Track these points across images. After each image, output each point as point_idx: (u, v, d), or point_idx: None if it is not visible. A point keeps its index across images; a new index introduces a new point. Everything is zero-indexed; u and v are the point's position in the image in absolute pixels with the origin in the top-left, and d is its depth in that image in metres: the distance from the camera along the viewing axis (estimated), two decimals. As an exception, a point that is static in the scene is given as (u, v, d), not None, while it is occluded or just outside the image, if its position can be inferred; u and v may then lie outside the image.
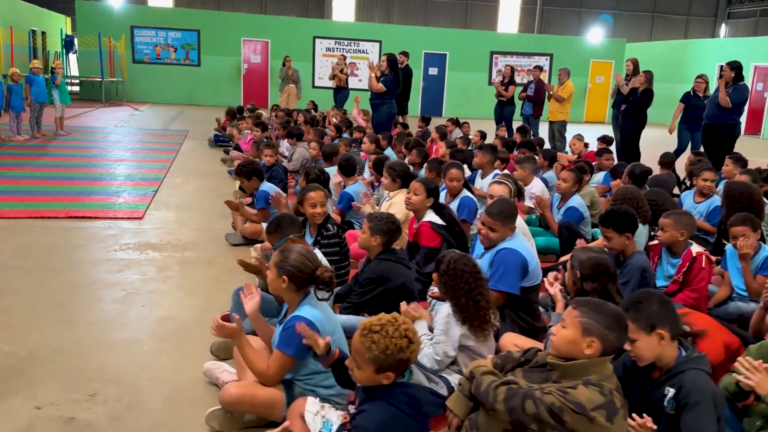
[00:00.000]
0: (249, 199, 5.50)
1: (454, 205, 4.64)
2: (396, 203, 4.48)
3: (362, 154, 7.48)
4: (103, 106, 17.05)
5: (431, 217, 3.99)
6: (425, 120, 10.53)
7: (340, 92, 13.71)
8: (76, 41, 19.59)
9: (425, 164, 5.67)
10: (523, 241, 3.37)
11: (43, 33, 21.50)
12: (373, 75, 8.47)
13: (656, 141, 10.66)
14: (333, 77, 13.74)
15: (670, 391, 2.03)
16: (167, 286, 4.06)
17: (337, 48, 20.15)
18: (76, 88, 19.41)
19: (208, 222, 5.75)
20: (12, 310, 3.51)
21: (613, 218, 3.29)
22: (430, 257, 3.85)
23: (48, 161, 8.21)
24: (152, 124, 13.57)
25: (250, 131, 8.99)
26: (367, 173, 6.70)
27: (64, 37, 20.23)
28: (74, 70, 20.48)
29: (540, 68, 11.12)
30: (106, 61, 18.01)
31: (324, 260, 3.23)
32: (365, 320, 1.97)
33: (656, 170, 6.60)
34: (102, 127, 12.50)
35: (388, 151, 7.39)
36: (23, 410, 2.54)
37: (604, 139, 8.44)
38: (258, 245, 4.68)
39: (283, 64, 15.61)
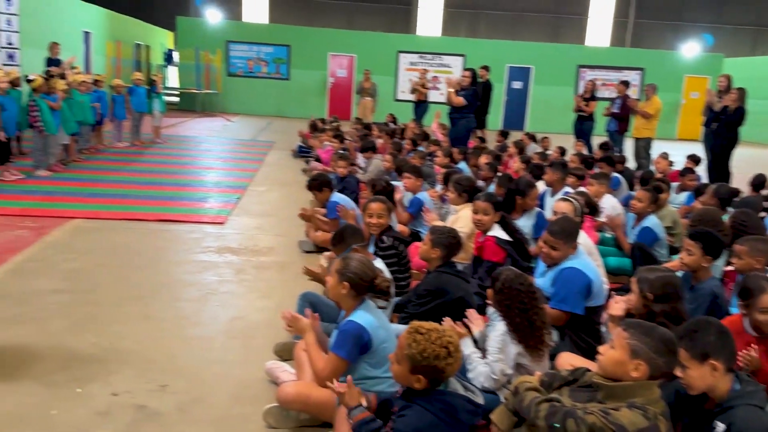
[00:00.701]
0: (323, 210, 5.67)
1: (527, 222, 4.62)
2: (462, 218, 4.50)
3: (435, 167, 7.55)
4: (199, 117, 18.03)
5: (497, 231, 3.99)
6: (504, 134, 10.44)
7: (420, 106, 13.85)
8: (176, 55, 20.86)
9: (497, 179, 5.67)
10: (587, 260, 3.32)
11: (147, 47, 23.03)
12: (451, 90, 8.53)
13: (749, 161, 10.06)
14: (414, 91, 13.90)
15: (720, 426, 1.96)
16: (241, 288, 4.28)
17: (420, 62, 20.33)
18: (175, 99, 20.64)
19: (285, 229, 5.98)
20: (100, 304, 3.82)
21: (705, 236, 3.18)
22: (492, 272, 3.85)
23: (143, 167, 8.80)
24: (242, 135, 14.23)
25: (330, 143, 9.26)
26: (438, 186, 6.76)
27: (165, 50, 21.57)
28: (174, 82, 21.78)
29: (626, 83, 10.77)
30: (202, 73, 19.07)
31: (385, 270, 3.32)
32: (418, 321, 2.07)
33: (747, 192, 6.25)
34: (195, 136, 13.24)
35: (462, 165, 7.41)
36: (102, 395, 2.77)
37: (693, 158, 8.07)
38: (327, 253, 4.83)
39: (364, 79, 15.96)
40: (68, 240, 5.11)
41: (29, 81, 7.75)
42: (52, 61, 11.06)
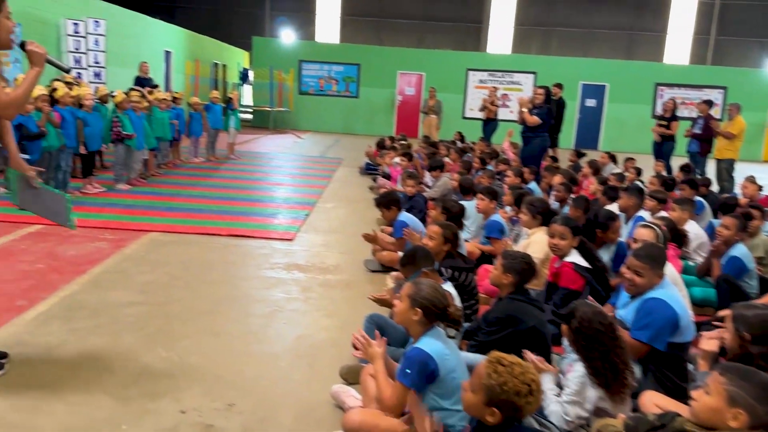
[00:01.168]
0: (390, 228, 5.64)
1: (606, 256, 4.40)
2: (535, 242, 4.34)
3: (504, 187, 7.38)
4: (271, 133, 18.49)
5: (575, 257, 3.82)
6: (579, 154, 10.12)
7: (489, 124, 13.68)
8: (251, 74, 21.54)
9: (571, 201, 5.47)
10: (673, 292, 3.10)
11: (224, 66, 23.90)
12: (524, 110, 8.34)
13: None
14: (483, 109, 13.75)
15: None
16: (307, 306, 4.27)
17: (490, 80, 20.16)
18: (249, 116, 21.28)
19: (351, 247, 5.96)
20: (172, 317, 3.89)
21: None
22: (568, 300, 3.69)
23: (217, 182, 9.05)
24: (311, 151, 14.46)
25: (398, 161, 9.24)
26: (507, 207, 6.60)
27: (240, 69, 22.32)
28: (248, 100, 22.49)
29: (709, 103, 10.24)
30: (275, 92, 19.58)
31: (455, 294, 3.22)
32: (498, 352, 1.97)
33: None
34: (267, 152, 13.56)
35: (532, 186, 7.22)
36: (170, 412, 2.79)
37: (784, 182, 7.56)
38: (393, 273, 4.77)
39: (430, 97, 15.93)
40: (144, 253, 5.27)
41: (112, 97, 8.13)
42: (142, 80, 11.63)
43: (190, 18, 27.02)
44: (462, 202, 5.60)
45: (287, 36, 28.36)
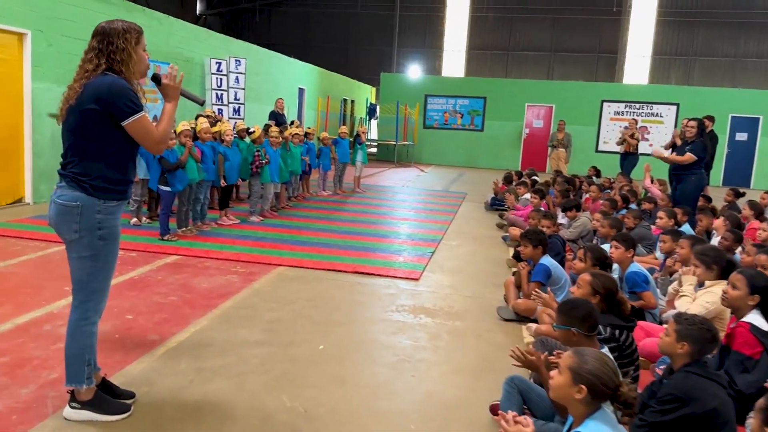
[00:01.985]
0: (527, 266, 5.19)
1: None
2: (710, 292, 3.75)
3: (653, 229, 6.68)
4: (395, 167, 18.60)
5: (754, 318, 3.22)
6: (737, 193, 9.05)
7: (628, 158, 12.76)
8: (378, 109, 21.95)
9: (740, 249, 4.76)
10: None
11: (352, 101, 24.58)
12: (665, 153, 7.60)
13: None
14: (622, 142, 12.87)
15: None
16: (436, 357, 3.96)
17: (627, 112, 19.04)
18: (374, 150, 21.63)
19: (480, 289, 5.60)
20: (297, 360, 3.74)
21: None
22: (743, 367, 3.11)
23: (344, 216, 9.06)
24: (435, 185, 14.29)
25: (528, 197, 8.76)
26: (659, 253, 5.92)
27: (368, 104, 22.83)
28: (374, 134, 22.92)
29: None
30: (401, 126, 19.76)
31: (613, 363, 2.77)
32: None
33: None
34: (391, 186, 13.56)
35: (685, 227, 6.47)
36: (293, 472, 2.59)
37: None
38: (531, 325, 4.35)
39: (558, 129, 15.23)
40: (272, 288, 5.24)
41: (249, 133, 8.42)
42: (276, 115, 12.11)
43: (322, 57, 28.27)
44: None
45: (414, 71, 28.79)
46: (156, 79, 2.86)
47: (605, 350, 2.83)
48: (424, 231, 8.28)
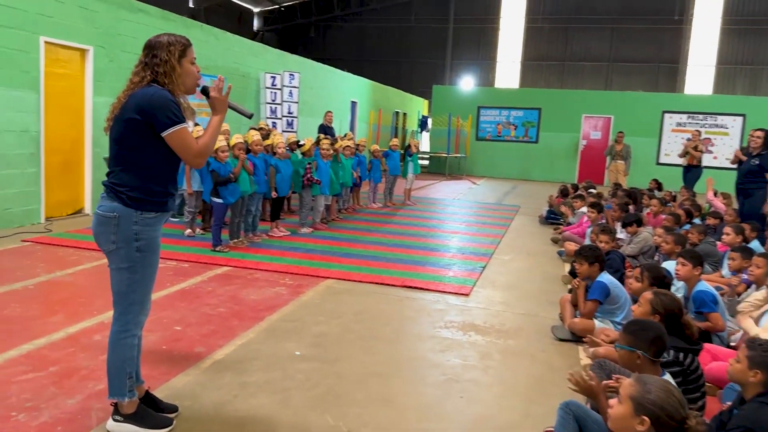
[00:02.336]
0: (582, 282, 4.96)
1: None
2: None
3: (719, 245, 6.31)
4: (446, 179, 18.44)
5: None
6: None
7: (691, 171, 12.23)
8: (429, 121, 21.86)
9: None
10: None
11: (404, 114, 24.59)
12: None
13: None
14: (684, 154, 12.35)
15: None
16: (487, 378, 3.79)
17: (689, 123, 18.32)
18: (426, 162, 21.52)
19: (534, 307, 5.39)
20: (343, 377, 3.64)
21: None
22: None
23: (393, 228, 8.97)
24: (487, 198, 14.04)
25: (587, 212, 8.45)
26: (725, 271, 5.58)
27: (420, 117, 22.78)
28: (425, 146, 22.81)
29: None
30: (452, 138, 19.60)
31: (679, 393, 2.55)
32: None
33: None
34: (443, 198, 13.40)
35: (754, 244, 6.08)
36: (334, 497, 2.48)
37: None
38: (587, 346, 4.12)
39: (616, 141, 14.74)
40: (320, 301, 5.18)
41: (299, 145, 8.45)
42: (325, 128, 12.18)
43: (376, 71, 28.47)
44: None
45: (466, 83, 28.61)
46: (205, 91, 2.85)
47: (667, 376, 2.62)
48: (475, 245, 8.09)
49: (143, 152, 2.68)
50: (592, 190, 11.33)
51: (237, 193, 6.85)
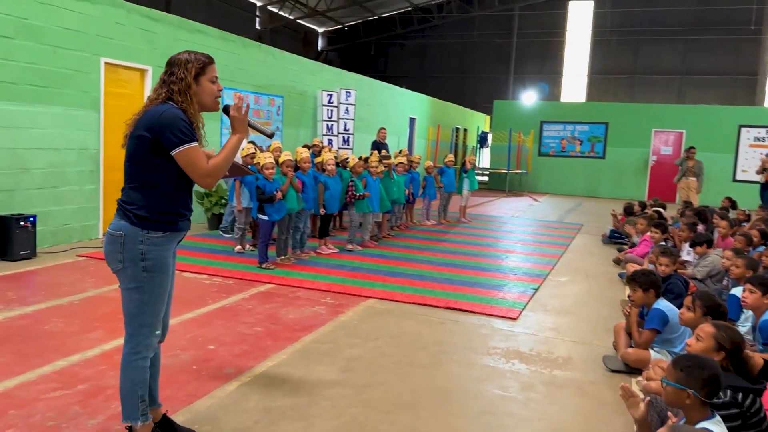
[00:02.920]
0: (635, 308, 4.59)
1: None
2: None
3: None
4: (506, 196, 18.01)
5: None
6: None
7: (770, 189, 11.39)
8: (489, 137, 21.49)
9: None
10: None
11: (465, 130, 24.29)
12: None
13: None
14: (762, 170, 11.53)
15: None
16: (527, 412, 3.51)
17: (769, 137, 17.20)
18: (485, 178, 21.13)
19: (587, 334, 5.04)
20: (371, 406, 3.46)
21: None
22: None
23: (445, 247, 8.73)
24: (548, 216, 13.57)
25: (651, 233, 7.94)
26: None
27: (479, 133, 22.44)
28: (485, 162, 22.44)
29: None
30: (513, 154, 19.16)
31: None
32: None
33: None
34: (500, 216, 13.04)
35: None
36: None
37: None
38: (642, 379, 3.77)
39: (687, 157, 13.93)
40: (358, 321, 5.02)
41: (346, 162, 8.35)
42: (378, 144, 12.11)
43: (438, 87, 28.34)
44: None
45: (528, 97, 28.04)
46: (226, 110, 2.77)
47: (716, 419, 2.30)
48: (529, 265, 7.75)
49: (151, 170, 2.61)
50: (658, 209, 10.71)
51: (283, 210, 6.81)
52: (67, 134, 7.39)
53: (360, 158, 8.44)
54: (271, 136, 2.97)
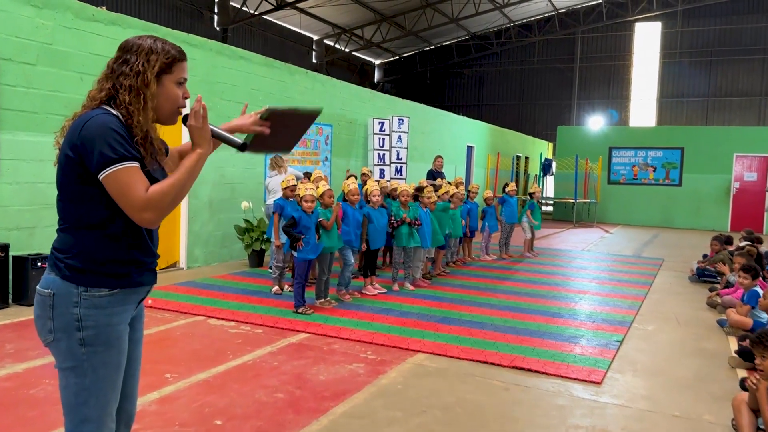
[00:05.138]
0: (764, 381, 3.52)
1: None
2: None
3: None
4: (574, 227, 16.76)
5: None
6: None
7: None
8: (554, 164, 20.30)
9: None
10: None
11: (526, 158, 23.17)
12: None
13: None
14: None
15: None
16: None
17: None
18: (550, 209, 19.90)
19: (692, 404, 3.96)
20: None
21: None
22: None
23: (507, 286, 7.72)
24: (623, 249, 12.31)
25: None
26: None
27: (542, 160, 21.28)
28: (550, 191, 21.20)
29: None
30: (580, 182, 17.93)
31: None
32: None
33: None
34: (569, 249, 11.88)
35: None
36: None
37: None
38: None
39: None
40: (402, 386, 4.12)
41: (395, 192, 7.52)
42: (434, 173, 11.27)
43: (496, 114, 27.46)
44: None
45: (595, 122, 26.70)
46: (186, 121, 1.98)
47: None
48: (608, 309, 6.66)
49: (85, 204, 1.85)
50: (751, 245, 9.29)
51: (319, 247, 6.03)
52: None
53: (408, 188, 7.58)
54: (242, 147, 2.10)
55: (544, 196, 19.82)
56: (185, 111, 2.01)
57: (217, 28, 21.35)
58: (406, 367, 4.49)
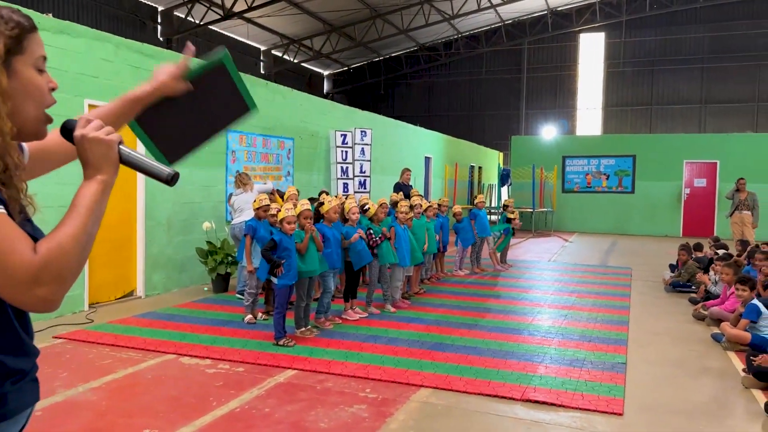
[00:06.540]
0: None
1: None
2: None
3: None
4: (533, 237, 16.75)
5: None
6: None
7: None
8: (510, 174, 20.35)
9: None
10: None
11: (480, 168, 23.18)
12: None
13: None
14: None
15: None
16: None
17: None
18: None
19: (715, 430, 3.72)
20: None
21: None
22: None
23: (491, 305, 7.41)
24: (587, 258, 12.27)
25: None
26: None
27: (501, 170, 21.29)
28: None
29: None
30: (537, 191, 17.98)
31: None
32: None
33: None
34: (536, 261, 11.74)
35: None
36: None
37: None
38: None
39: (737, 189, 12.66)
40: (414, 430, 3.71)
41: (364, 210, 7.08)
42: (402, 187, 10.93)
43: (446, 125, 27.43)
44: None
45: (548, 132, 27.05)
46: (67, 132, 1.30)
47: None
48: (599, 326, 6.44)
49: None
50: (724, 251, 9.38)
51: (294, 273, 5.54)
52: (46, 190, 6.21)
53: (381, 204, 7.18)
54: (169, 180, 1.35)
55: (496, 205, 19.81)
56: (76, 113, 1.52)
57: (161, 39, 20.48)
58: (413, 407, 4.09)
